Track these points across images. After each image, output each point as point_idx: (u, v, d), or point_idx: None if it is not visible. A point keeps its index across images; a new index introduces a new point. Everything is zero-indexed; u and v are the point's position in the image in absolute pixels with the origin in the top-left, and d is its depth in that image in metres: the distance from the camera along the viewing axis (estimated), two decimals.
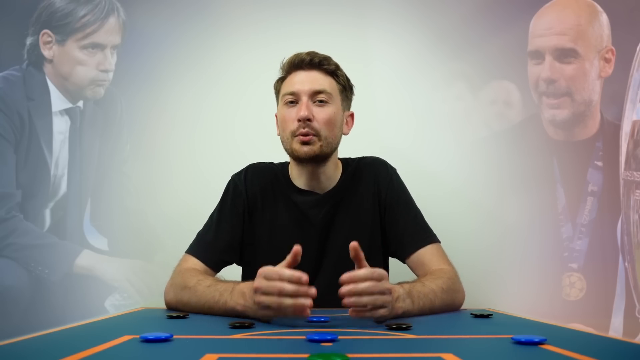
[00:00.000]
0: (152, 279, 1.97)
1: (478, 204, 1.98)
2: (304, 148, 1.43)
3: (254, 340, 0.94)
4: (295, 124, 1.43)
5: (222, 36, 2.05)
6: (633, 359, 0.82)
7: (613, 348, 0.91)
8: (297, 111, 1.44)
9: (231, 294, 1.23)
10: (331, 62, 1.49)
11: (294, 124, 1.44)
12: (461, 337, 1.01)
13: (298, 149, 1.44)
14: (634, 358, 0.82)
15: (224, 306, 1.24)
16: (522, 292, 1.93)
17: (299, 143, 1.44)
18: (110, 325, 1.17)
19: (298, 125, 1.43)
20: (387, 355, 0.82)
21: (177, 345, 0.86)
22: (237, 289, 1.23)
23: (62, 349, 0.82)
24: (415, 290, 1.26)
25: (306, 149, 1.43)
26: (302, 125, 1.42)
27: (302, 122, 1.42)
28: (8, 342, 0.87)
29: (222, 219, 1.53)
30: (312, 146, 1.43)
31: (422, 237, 1.50)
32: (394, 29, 2.04)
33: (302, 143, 1.43)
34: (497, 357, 0.82)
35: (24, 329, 1.34)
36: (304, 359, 0.72)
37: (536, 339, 0.87)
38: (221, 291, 1.27)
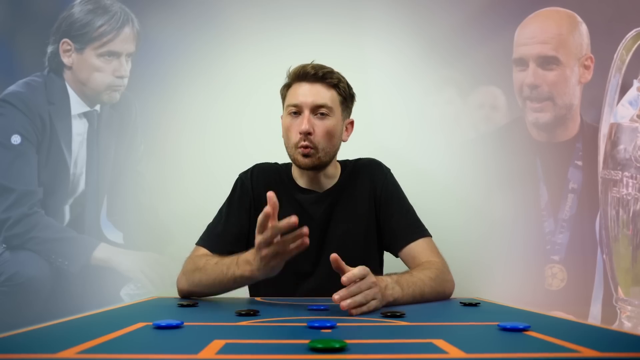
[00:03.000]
0: (164, 270, 1.97)
1: (466, 200, 1.98)
2: (304, 160, 1.46)
3: (259, 327, 0.94)
4: (298, 136, 1.45)
5: (229, 45, 2.05)
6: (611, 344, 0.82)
7: (592, 334, 0.91)
8: (299, 123, 1.45)
9: (237, 265, 1.24)
10: (334, 75, 1.49)
11: (297, 136, 1.45)
12: (451, 324, 1.01)
13: (299, 160, 1.47)
14: (611, 344, 0.82)
15: (233, 276, 1.25)
16: (507, 282, 1.93)
17: (300, 155, 1.46)
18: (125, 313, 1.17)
19: (300, 138, 1.45)
20: (383, 341, 0.82)
21: (187, 332, 0.86)
22: (242, 258, 1.24)
23: (80, 335, 0.82)
24: (403, 279, 1.26)
25: (307, 161, 1.46)
26: (303, 138, 1.44)
27: (303, 135, 1.44)
28: (31, 329, 0.87)
29: (230, 213, 1.53)
30: (311, 158, 1.46)
31: (414, 231, 1.51)
32: (389, 38, 2.04)
33: (303, 155, 1.46)
34: (484, 343, 0.82)
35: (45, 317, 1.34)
36: (305, 344, 0.72)
37: (521, 326, 0.87)
38: (228, 264, 1.27)
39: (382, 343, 0.80)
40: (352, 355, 0.68)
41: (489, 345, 0.81)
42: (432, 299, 1.33)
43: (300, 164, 1.47)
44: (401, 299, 1.22)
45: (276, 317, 1.05)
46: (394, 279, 1.24)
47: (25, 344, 0.77)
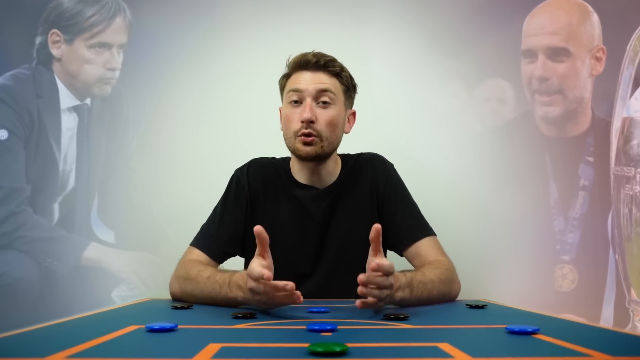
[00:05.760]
0: (157, 270, 1.97)
1: (472, 198, 1.98)
2: (306, 148, 1.44)
3: (256, 330, 0.94)
4: (299, 125, 1.43)
5: (225, 35, 2.05)
6: (623, 348, 0.82)
7: (604, 338, 0.91)
8: (300, 112, 1.44)
9: (229, 287, 1.23)
10: (336, 64, 1.48)
11: (298, 124, 1.44)
12: (457, 327, 1.01)
13: (300, 149, 1.44)
14: (624, 347, 0.82)
15: (226, 297, 1.24)
16: (515, 283, 1.93)
17: (301, 143, 1.44)
18: (117, 316, 1.17)
19: (301, 126, 1.43)
20: (385, 344, 0.82)
21: (182, 335, 0.86)
22: (233, 281, 1.23)
23: (70, 338, 0.82)
24: (416, 279, 1.26)
25: (308, 149, 1.44)
26: (304, 126, 1.42)
27: (305, 123, 1.42)
28: (18, 332, 0.87)
29: (225, 212, 1.53)
30: (314, 147, 1.44)
31: (419, 230, 1.50)
32: (391, 29, 2.04)
33: (305, 144, 1.44)
34: (491, 347, 0.82)
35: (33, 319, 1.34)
36: (305, 348, 0.72)
37: (529, 329, 0.87)
38: (220, 283, 1.26)
39: (385, 347, 0.80)
40: (354, 359, 0.68)
41: (496, 349, 0.81)
42: (438, 301, 1.33)
43: (301, 152, 1.45)
44: (406, 301, 1.23)
45: (274, 319, 1.05)
46: (407, 278, 1.24)
47: (13, 348, 0.77)
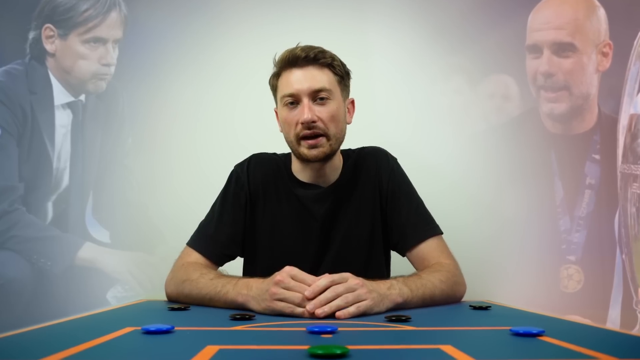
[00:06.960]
0: (153, 271, 1.97)
1: (476, 197, 1.98)
2: (312, 152, 1.41)
3: (255, 331, 0.94)
4: (299, 127, 1.41)
5: (222, 31, 2.04)
6: (630, 350, 0.81)
7: (611, 340, 0.91)
8: (299, 114, 1.41)
9: (234, 286, 1.23)
10: (326, 54, 1.44)
11: (298, 126, 1.41)
12: (460, 328, 1.01)
13: (307, 154, 1.42)
14: (631, 350, 0.82)
15: (224, 297, 1.24)
16: (520, 284, 1.93)
17: (306, 148, 1.41)
18: (112, 317, 1.17)
19: (302, 127, 1.40)
20: (387, 346, 0.82)
21: (179, 337, 0.86)
22: (243, 280, 1.24)
23: (64, 340, 0.82)
24: (411, 280, 1.28)
25: (315, 153, 1.41)
26: (305, 126, 1.39)
27: (305, 124, 1.39)
28: (11, 334, 0.87)
29: (224, 211, 1.51)
30: (321, 149, 1.42)
31: (424, 229, 1.49)
32: (393, 24, 2.03)
33: (310, 147, 1.41)
34: (495, 349, 0.82)
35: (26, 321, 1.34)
36: (305, 350, 0.72)
37: (534, 331, 0.87)
38: (223, 283, 1.27)
39: (386, 349, 0.80)
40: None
41: (500, 351, 0.81)
42: (442, 303, 1.34)
43: (308, 157, 1.42)
44: (411, 301, 1.23)
45: (273, 321, 1.05)
46: (400, 280, 1.25)
47: (6, 350, 0.77)
